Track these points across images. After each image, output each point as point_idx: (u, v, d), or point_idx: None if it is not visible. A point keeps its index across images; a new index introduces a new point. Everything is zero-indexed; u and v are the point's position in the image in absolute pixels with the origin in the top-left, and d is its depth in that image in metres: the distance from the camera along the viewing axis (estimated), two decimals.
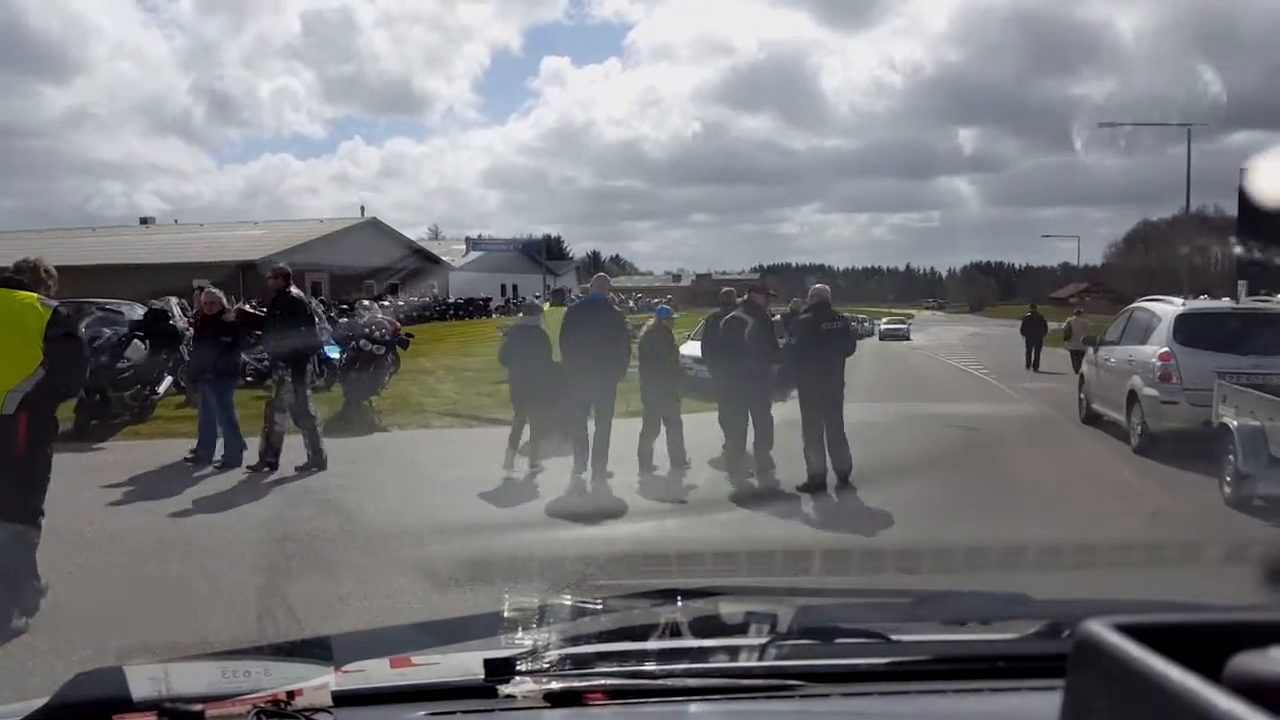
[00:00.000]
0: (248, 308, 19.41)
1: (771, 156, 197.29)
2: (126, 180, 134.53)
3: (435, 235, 62.87)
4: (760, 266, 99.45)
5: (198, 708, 1.13)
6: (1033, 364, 20.95)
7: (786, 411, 8.39)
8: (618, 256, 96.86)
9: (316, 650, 1.42)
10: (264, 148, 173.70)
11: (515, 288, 50.44)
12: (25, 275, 4.68)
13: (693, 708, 1.23)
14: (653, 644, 1.39)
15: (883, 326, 42.79)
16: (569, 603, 1.72)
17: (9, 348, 4.38)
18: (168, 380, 11.88)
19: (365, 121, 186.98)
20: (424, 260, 45.09)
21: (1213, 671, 0.60)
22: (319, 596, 4.71)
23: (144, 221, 46.03)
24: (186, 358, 12.38)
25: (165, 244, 39.50)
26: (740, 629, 1.41)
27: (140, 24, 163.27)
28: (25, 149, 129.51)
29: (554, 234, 63.13)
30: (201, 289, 9.25)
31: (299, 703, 1.17)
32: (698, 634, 1.42)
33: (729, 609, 1.54)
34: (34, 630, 4.24)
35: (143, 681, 1.19)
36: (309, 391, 8.40)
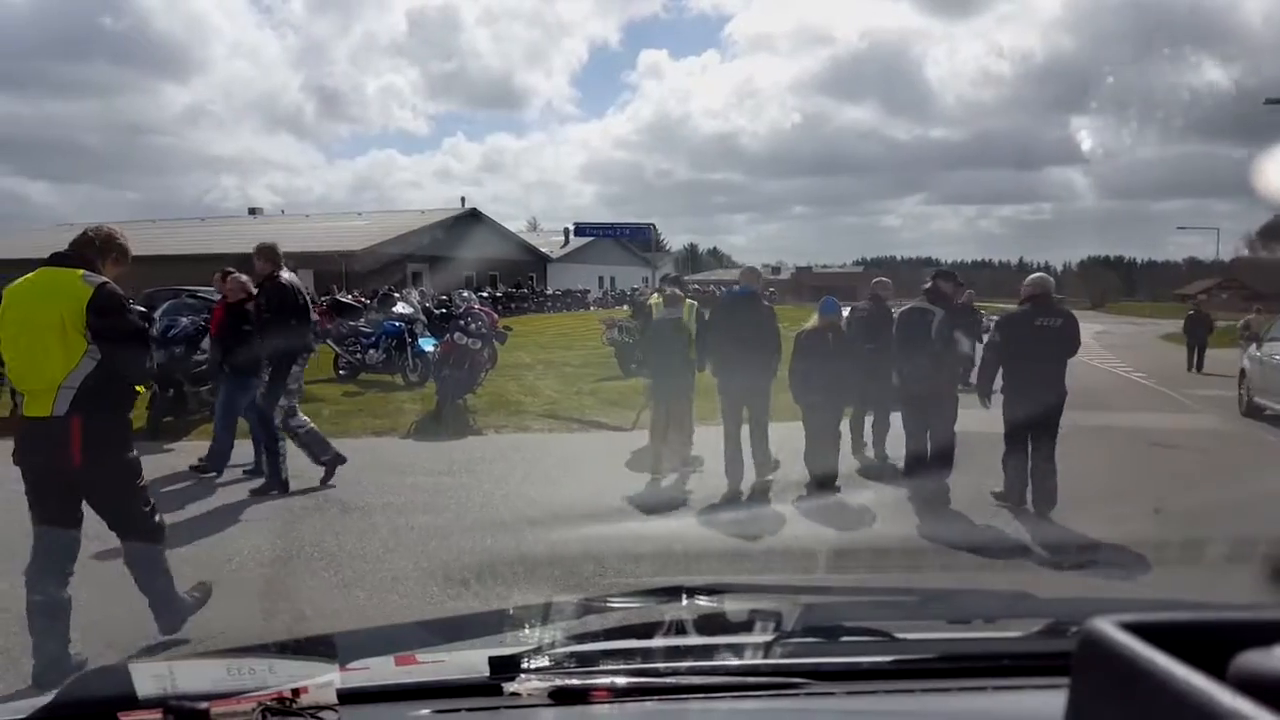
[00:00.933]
0: (345, 298, 18.89)
1: (873, 147, 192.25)
2: (242, 175, 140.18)
3: (533, 227, 62.65)
4: (863, 259, 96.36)
5: (203, 705, 1.12)
6: (1195, 365, 18.99)
7: (969, 421, 7.00)
8: (715, 249, 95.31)
9: (321, 648, 1.42)
10: (371, 143, 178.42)
11: (613, 279, 49.63)
12: (83, 248, 3.85)
13: (697, 705, 1.22)
14: (658, 642, 1.38)
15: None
16: (574, 600, 1.68)
17: (44, 335, 3.59)
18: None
19: (467, 117, 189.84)
20: (523, 251, 44.67)
21: (1218, 670, 0.59)
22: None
23: (252, 212, 46.77)
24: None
25: (271, 234, 39.61)
26: (745, 627, 1.40)
27: (255, 25, 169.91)
28: (149, 145, 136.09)
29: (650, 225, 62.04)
30: (228, 274, 8.14)
31: (304, 700, 1.16)
32: (703, 632, 1.40)
33: (734, 607, 1.53)
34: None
35: (148, 679, 1.17)
36: (287, 400, 7.04)
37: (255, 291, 7.50)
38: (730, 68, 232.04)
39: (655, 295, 9.59)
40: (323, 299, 25.03)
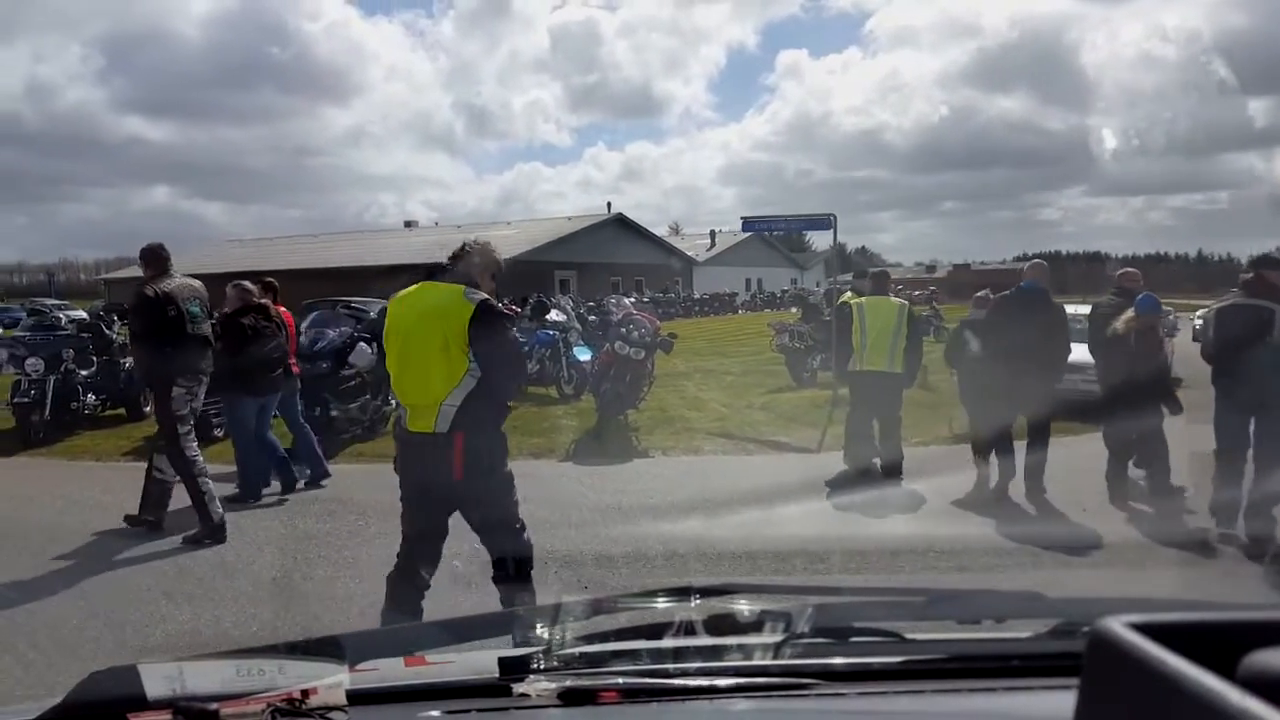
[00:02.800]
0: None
1: (1028, 138, 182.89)
2: (398, 191, 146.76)
3: (676, 231, 61.96)
4: (1024, 255, 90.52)
5: (213, 706, 1.11)
6: None
7: None
8: (864, 248, 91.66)
9: (331, 649, 1.41)
10: (517, 157, 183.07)
11: (760, 281, 48.09)
12: (458, 263, 3.83)
13: (706, 706, 1.21)
14: (667, 642, 1.37)
15: (1197, 322, 35.93)
16: (583, 601, 1.67)
17: (426, 352, 3.62)
18: None
19: (607, 127, 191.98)
20: (668, 255, 43.86)
21: (1227, 670, 0.59)
22: None
23: (408, 225, 47.94)
24: None
25: (425, 245, 40.73)
26: (754, 627, 1.39)
27: (409, 49, 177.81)
28: (312, 165, 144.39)
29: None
30: (238, 286, 7.37)
31: (314, 701, 1.15)
32: (712, 632, 1.40)
33: (743, 607, 1.52)
34: None
35: (157, 680, 1.17)
36: (181, 427, 5.98)
37: (255, 303, 7.08)
38: (873, 64, 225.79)
39: (849, 293, 8.29)
40: None
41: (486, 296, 3.69)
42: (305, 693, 1.16)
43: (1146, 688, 0.61)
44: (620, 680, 1.24)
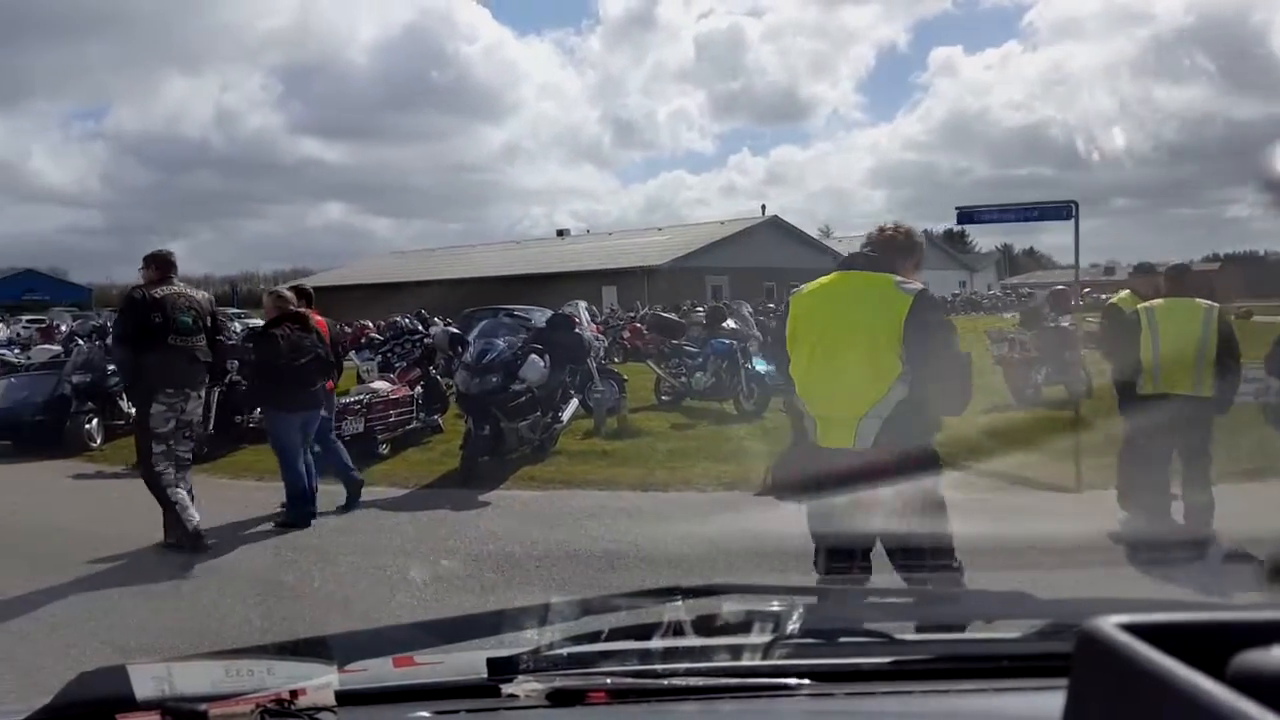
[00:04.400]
0: (667, 314, 17.36)
1: (1209, 130, 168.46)
2: (548, 203, 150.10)
3: (826, 234, 59.85)
4: (1215, 255, 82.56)
5: (201, 707, 1.11)
6: None
7: None
8: (1031, 249, 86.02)
9: (320, 649, 1.42)
10: (661, 166, 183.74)
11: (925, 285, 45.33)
12: (886, 249, 3.38)
13: (695, 707, 1.21)
14: (656, 643, 1.36)
15: None
16: (572, 601, 1.64)
17: (853, 354, 3.14)
18: (573, 403, 9.46)
19: (752, 133, 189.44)
20: (826, 259, 41.89)
21: (1217, 670, 0.59)
22: None
23: (560, 233, 48.15)
24: (595, 374, 9.95)
25: (578, 252, 40.71)
26: (743, 628, 1.38)
27: (559, 66, 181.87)
28: (469, 181, 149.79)
29: (955, 228, 56.62)
30: (274, 293, 7.10)
31: (302, 702, 1.15)
32: (701, 633, 1.39)
33: (732, 608, 1.50)
34: None
35: (146, 681, 1.16)
36: (157, 445, 5.73)
37: (291, 312, 6.66)
38: (1033, 57, 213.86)
39: (1124, 292, 6.73)
40: (638, 313, 23.87)
41: (924, 286, 3.20)
42: (294, 693, 1.15)
43: (1135, 687, 0.61)
44: (609, 681, 1.23)
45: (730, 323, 12.54)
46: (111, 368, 10.55)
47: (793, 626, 1.36)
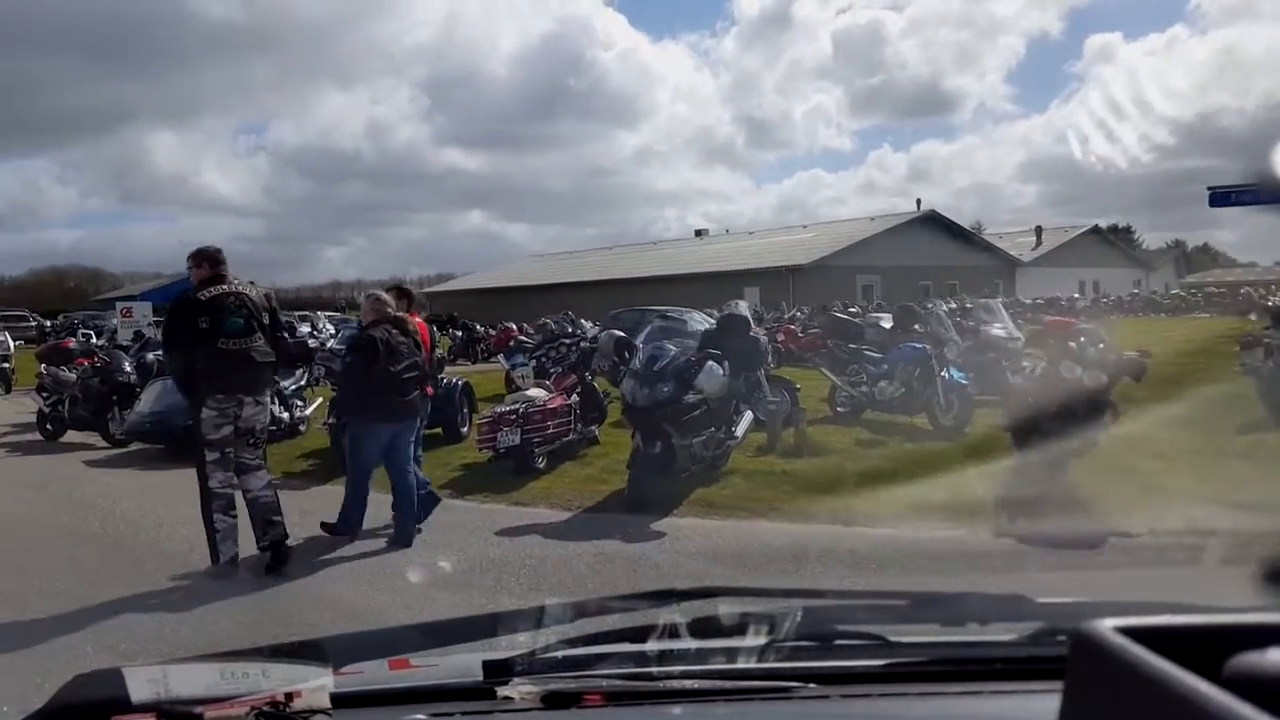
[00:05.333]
0: (842, 313, 16.10)
1: None
2: (680, 206, 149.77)
3: (979, 230, 56.68)
4: None
5: (196, 710, 1.11)
6: None
7: None
8: (1206, 245, 78.81)
9: (315, 652, 1.47)
10: (796, 165, 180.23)
11: (1096, 284, 41.91)
12: None
13: (690, 709, 1.21)
14: (651, 645, 1.37)
15: None
16: (567, 604, 1.67)
17: None
18: (748, 417, 8.37)
19: (892, 129, 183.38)
20: (986, 256, 39.29)
21: (1212, 672, 0.59)
22: None
23: (698, 234, 47.17)
24: (764, 382, 8.83)
25: (717, 252, 39.64)
26: (738, 630, 1.38)
27: (693, 68, 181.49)
28: (604, 185, 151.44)
29: (1120, 224, 52.10)
30: (372, 295, 6.58)
31: (297, 704, 1.15)
32: (696, 635, 1.39)
33: (727, 610, 1.52)
34: None
35: (141, 683, 1.17)
36: (210, 453, 5.46)
37: (390, 314, 6.25)
38: (1202, 41, 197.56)
39: None
40: (784, 314, 22.64)
41: None
42: (289, 696, 1.15)
43: (1131, 690, 0.61)
44: (604, 683, 1.23)
45: (928, 324, 11.07)
46: None
47: (788, 629, 1.37)
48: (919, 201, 39.32)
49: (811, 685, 1.22)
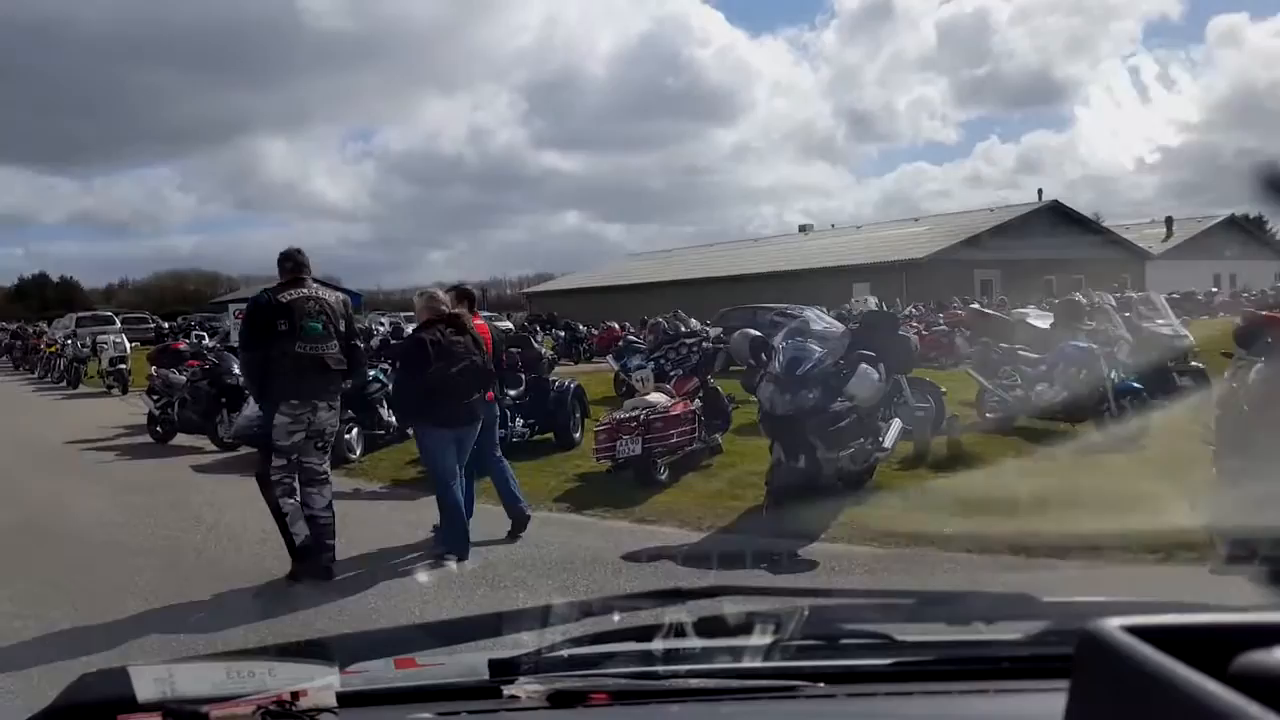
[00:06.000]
0: (986, 308, 14.91)
1: None
2: (778, 202, 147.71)
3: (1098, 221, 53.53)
4: None
5: (203, 709, 1.11)
6: None
7: None
8: None
9: (321, 651, 1.46)
10: (899, 158, 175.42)
11: (1233, 278, 38.86)
12: None
13: (696, 709, 1.20)
14: (657, 644, 1.36)
15: None
16: (573, 603, 1.68)
17: None
18: (896, 425, 7.41)
19: (1000, 119, 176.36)
20: (1112, 248, 36.80)
21: (1219, 671, 0.59)
22: None
23: (802, 229, 45.78)
24: (905, 385, 7.88)
25: (824, 248, 38.33)
26: (744, 629, 1.38)
27: (792, 63, 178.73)
28: (700, 183, 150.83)
29: (1250, 214, 48.15)
30: (426, 294, 6.20)
31: (304, 703, 1.14)
32: (702, 634, 1.39)
33: (733, 609, 1.51)
34: None
35: (148, 682, 1.16)
36: (276, 459, 5.36)
37: (445, 314, 5.90)
38: None
39: None
40: (899, 311, 21.41)
41: None
42: (295, 695, 1.14)
43: (1138, 689, 0.60)
44: (610, 682, 1.23)
45: (1098, 321, 9.81)
46: (373, 373, 9.81)
47: (794, 628, 1.36)
48: (1040, 191, 37.18)
49: (818, 684, 1.21)
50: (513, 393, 9.23)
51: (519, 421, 9.18)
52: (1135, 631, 0.64)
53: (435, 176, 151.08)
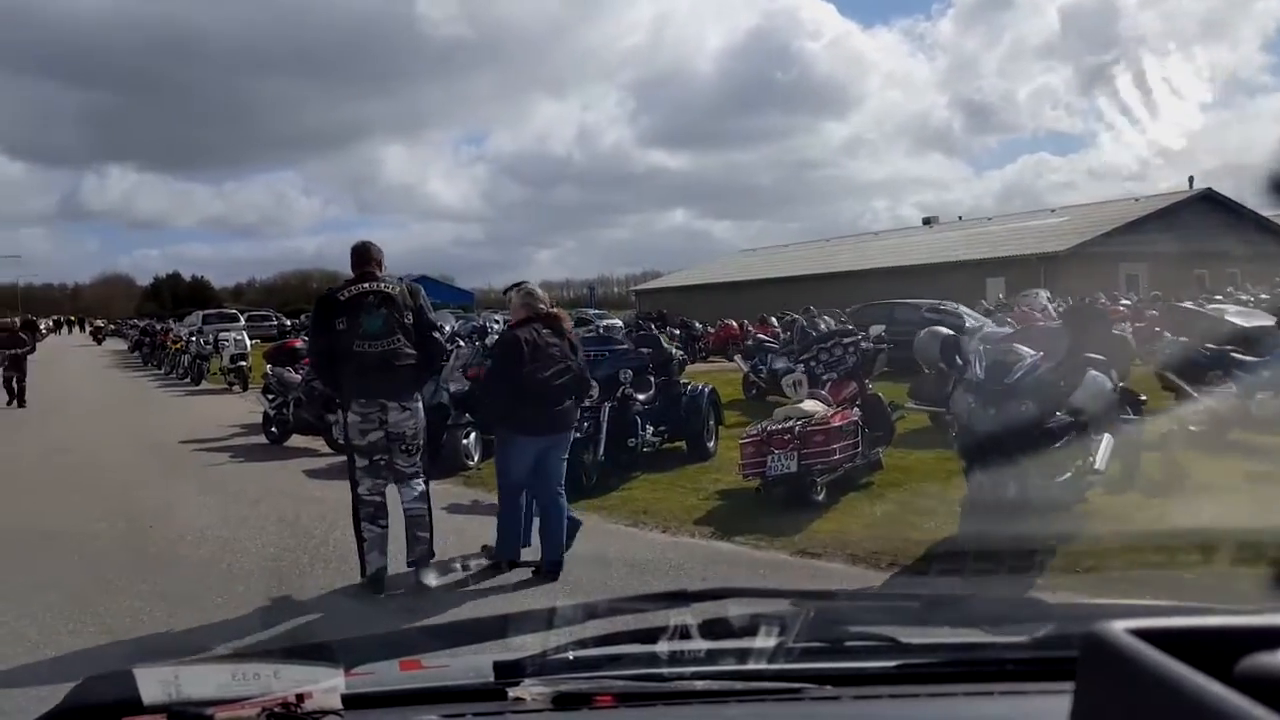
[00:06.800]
0: (1190, 303, 13.24)
1: None
2: (892, 196, 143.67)
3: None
4: None
5: (207, 711, 1.11)
6: None
7: None
8: None
9: (326, 653, 1.42)
10: (1020, 149, 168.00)
11: None
12: None
13: (701, 710, 1.20)
14: (662, 646, 1.34)
15: None
16: (578, 605, 1.64)
17: None
18: (1107, 442, 6.15)
19: (1127, 106, 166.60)
20: (1274, 241, 33.43)
21: (1224, 674, 0.59)
22: None
23: (926, 222, 43.44)
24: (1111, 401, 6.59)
25: (950, 241, 36.13)
26: (749, 632, 1.37)
27: (907, 54, 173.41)
28: (809, 178, 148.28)
29: None
30: (523, 289, 5.66)
31: (308, 705, 1.15)
32: (706, 637, 1.38)
33: (738, 611, 1.50)
34: None
35: (152, 684, 1.16)
36: (360, 459, 5.19)
37: (543, 312, 5.51)
38: None
39: None
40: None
41: None
42: (300, 697, 1.14)
43: (1143, 691, 0.60)
44: (615, 684, 1.22)
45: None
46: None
47: (799, 630, 1.35)
48: (1191, 179, 33.94)
49: (823, 687, 1.21)
50: (641, 397, 8.35)
51: (649, 429, 8.28)
52: (1140, 634, 0.64)
53: (544, 177, 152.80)
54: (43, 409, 16.10)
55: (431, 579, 5.22)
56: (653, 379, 8.66)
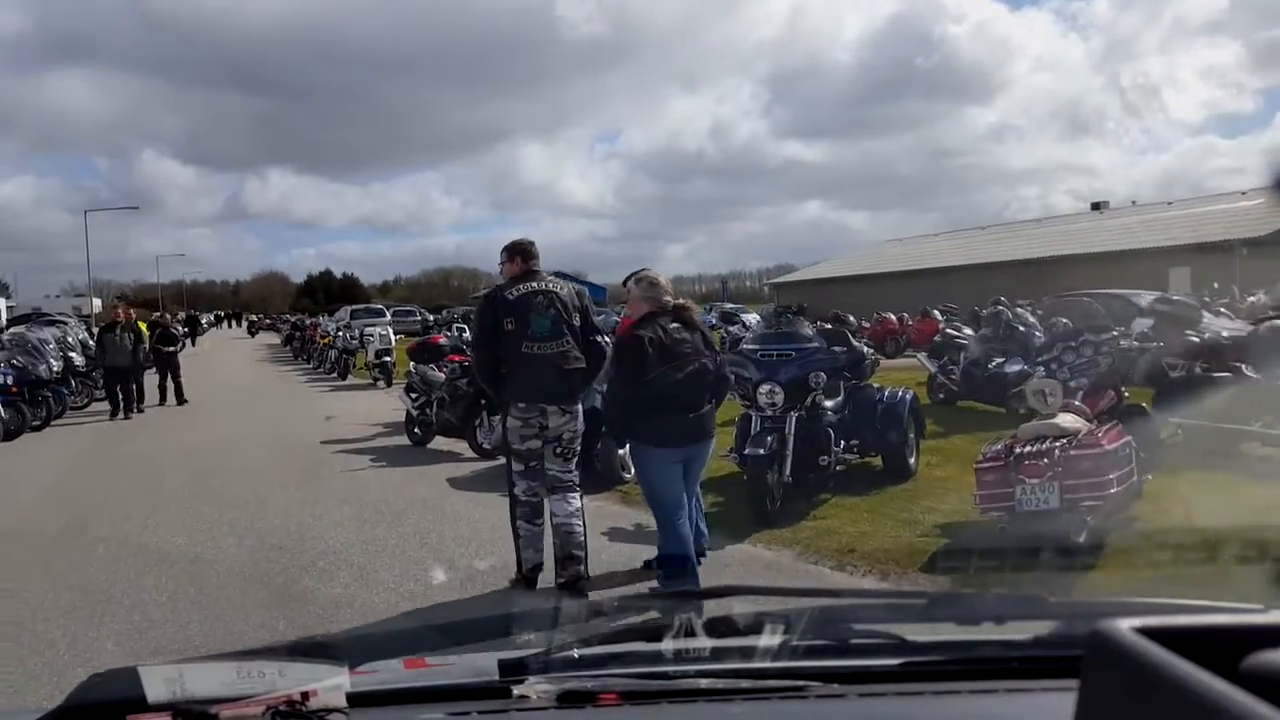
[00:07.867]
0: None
1: None
2: (1041, 183, 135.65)
3: None
4: None
5: (212, 709, 1.11)
6: None
7: None
8: None
9: (331, 651, 1.40)
10: (1182, 132, 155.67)
11: None
12: None
13: (706, 708, 1.20)
14: (666, 644, 1.35)
15: None
16: (583, 603, 1.60)
17: None
18: None
19: None
20: None
21: (1229, 672, 0.58)
22: None
23: (1095, 207, 39.98)
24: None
25: (1125, 227, 32.90)
26: (754, 630, 1.37)
27: (1058, 36, 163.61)
28: (950, 167, 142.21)
29: None
30: (645, 279, 5.07)
31: (313, 703, 1.14)
32: (711, 635, 1.38)
33: (742, 609, 1.51)
34: None
35: (157, 683, 1.15)
36: (516, 464, 5.06)
37: (669, 305, 4.96)
38: None
39: None
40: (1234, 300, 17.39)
41: None
42: (305, 695, 1.13)
43: (1148, 689, 0.60)
44: (620, 682, 1.22)
45: None
46: None
47: (804, 628, 1.35)
48: None
49: (827, 684, 1.20)
50: (829, 404, 7.04)
51: (840, 444, 6.97)
52: (1145, 632, 0.64)
53: (677, 172, 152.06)
54: (193, 404, 16.15)
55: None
56: (841, 384, 7.33)
